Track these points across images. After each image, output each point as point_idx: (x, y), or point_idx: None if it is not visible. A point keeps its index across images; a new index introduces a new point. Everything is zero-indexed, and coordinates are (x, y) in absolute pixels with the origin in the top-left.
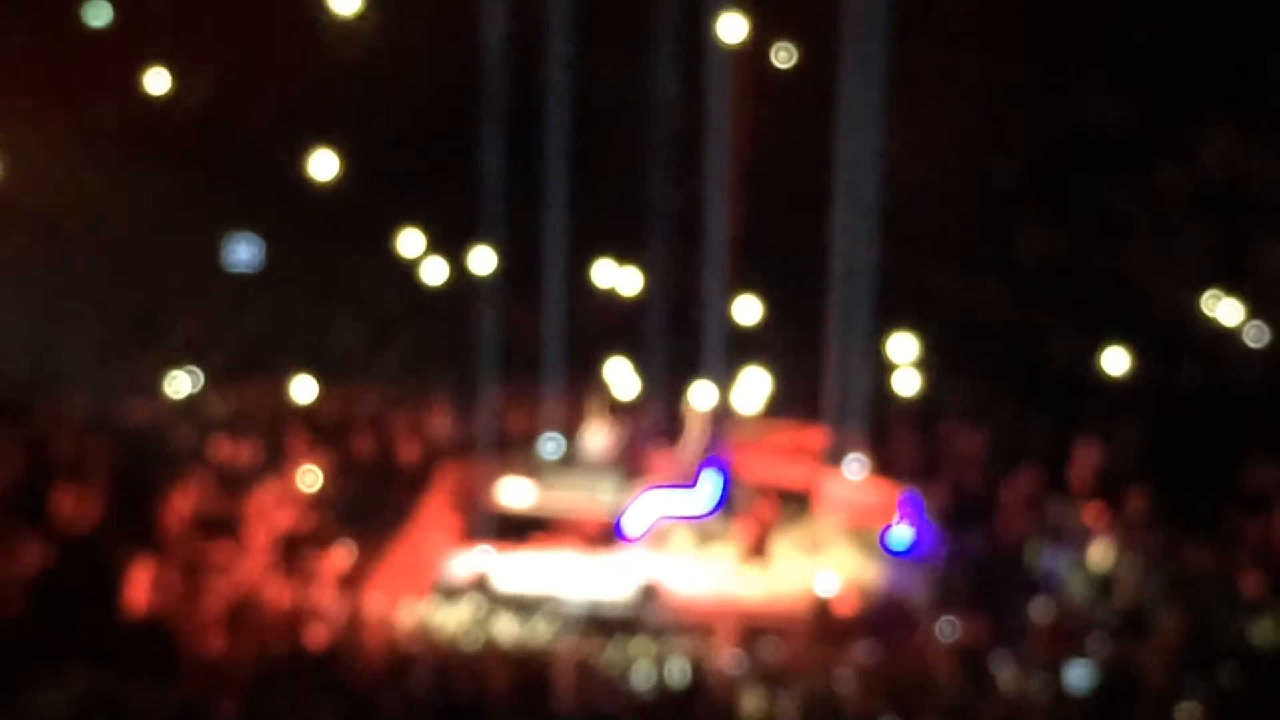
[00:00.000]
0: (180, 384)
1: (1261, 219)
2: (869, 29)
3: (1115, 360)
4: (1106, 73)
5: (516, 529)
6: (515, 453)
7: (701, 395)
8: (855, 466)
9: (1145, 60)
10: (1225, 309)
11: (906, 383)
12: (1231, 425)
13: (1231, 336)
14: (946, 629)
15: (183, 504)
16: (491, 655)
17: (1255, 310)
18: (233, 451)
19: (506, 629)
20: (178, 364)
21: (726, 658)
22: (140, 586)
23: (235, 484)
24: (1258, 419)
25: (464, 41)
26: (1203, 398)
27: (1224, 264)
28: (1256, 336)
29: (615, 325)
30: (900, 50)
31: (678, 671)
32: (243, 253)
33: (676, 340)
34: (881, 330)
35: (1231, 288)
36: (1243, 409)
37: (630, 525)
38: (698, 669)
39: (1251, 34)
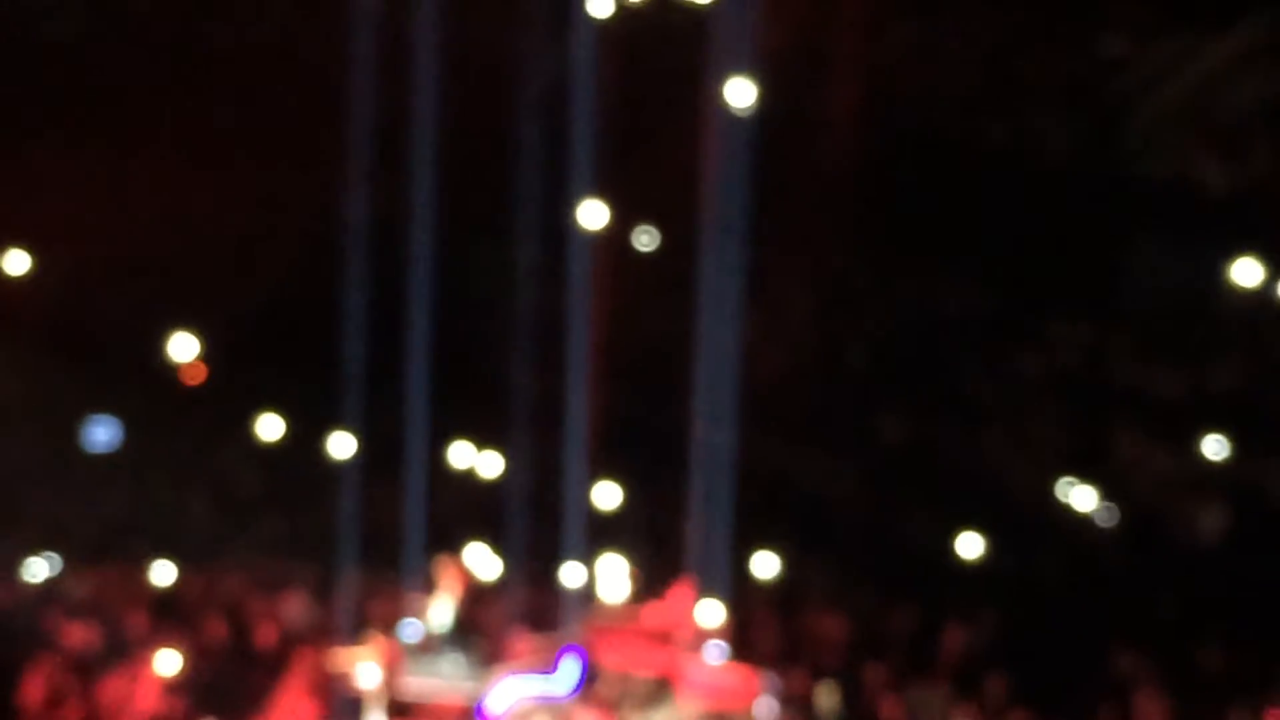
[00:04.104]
0: (38, 568)
1: (1116, 407)
2: (727, 216)
3: (971, 545)
4: (964, 261)
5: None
6: (375, 637)
7: (562, 579)
8: (715, 651)
9: (1002, 249)
10: (1080, 495)
11: (766, 566)
12: (1089, 611)
13: (1087, 523)
14: None
15: (38, 688)
16: None
17: (1109, 497)
18: (90, 635)
19: None
20: (35, 547)
21: None
22: None
23: (92, 668)
24: (1115, 605)
25: (325, 224)
26: (1060, 583)
27: (1078, 451)
28: (1106, 519)
29: (475, 509)
30: (758, 236)
31: None
32: (101, 434)
33: (537, 524)
34: (740, 514)
35: (1086, 475)
36: (1100, 595)
37: (490, 710)
38: None
39: (1108, 224)
